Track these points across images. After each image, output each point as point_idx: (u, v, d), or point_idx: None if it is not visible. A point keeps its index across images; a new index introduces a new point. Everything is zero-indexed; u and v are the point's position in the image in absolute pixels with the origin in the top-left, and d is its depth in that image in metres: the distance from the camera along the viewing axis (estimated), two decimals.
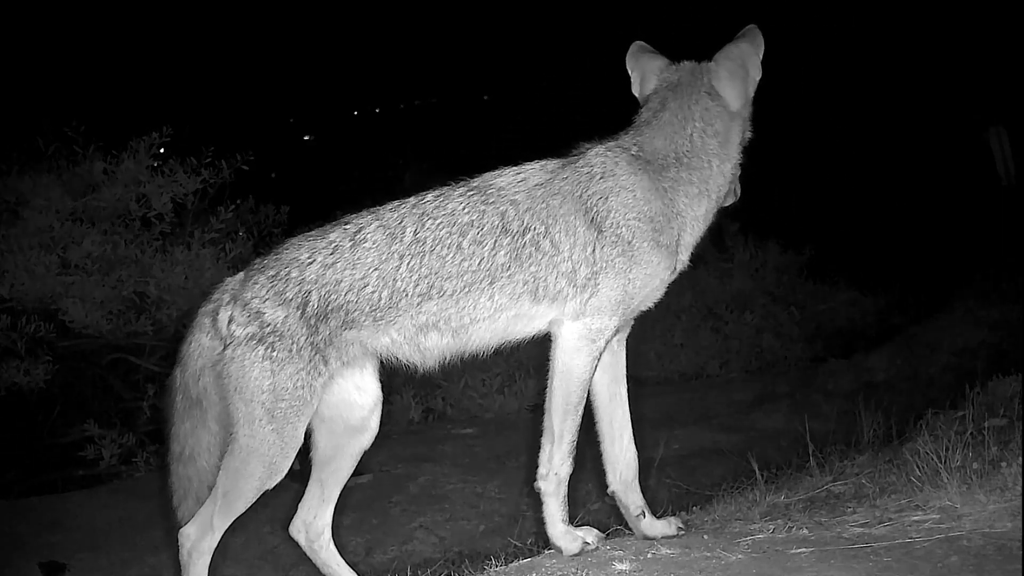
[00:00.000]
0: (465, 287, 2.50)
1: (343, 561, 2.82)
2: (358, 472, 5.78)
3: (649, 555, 2.22)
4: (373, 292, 2.51)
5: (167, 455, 2.73)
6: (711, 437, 5.67)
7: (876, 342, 7.91)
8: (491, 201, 2.55)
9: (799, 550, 2.13)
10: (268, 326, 2.50)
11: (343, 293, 2.51)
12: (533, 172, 2.63)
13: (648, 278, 2.52)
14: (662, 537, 2.48)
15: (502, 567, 2.38)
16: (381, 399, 2.78)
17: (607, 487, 2.65)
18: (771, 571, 2.01)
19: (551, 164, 2.65)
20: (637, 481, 2.65)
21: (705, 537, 2.36)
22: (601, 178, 2.54)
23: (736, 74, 2.65)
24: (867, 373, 6.96)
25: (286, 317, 2.50)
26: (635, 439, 2.68)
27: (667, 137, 2.61)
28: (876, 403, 4.70)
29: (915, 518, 2.28)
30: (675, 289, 2.71)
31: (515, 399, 6.91)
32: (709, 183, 2.60)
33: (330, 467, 2.79)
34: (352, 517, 4.80)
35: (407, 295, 2.51)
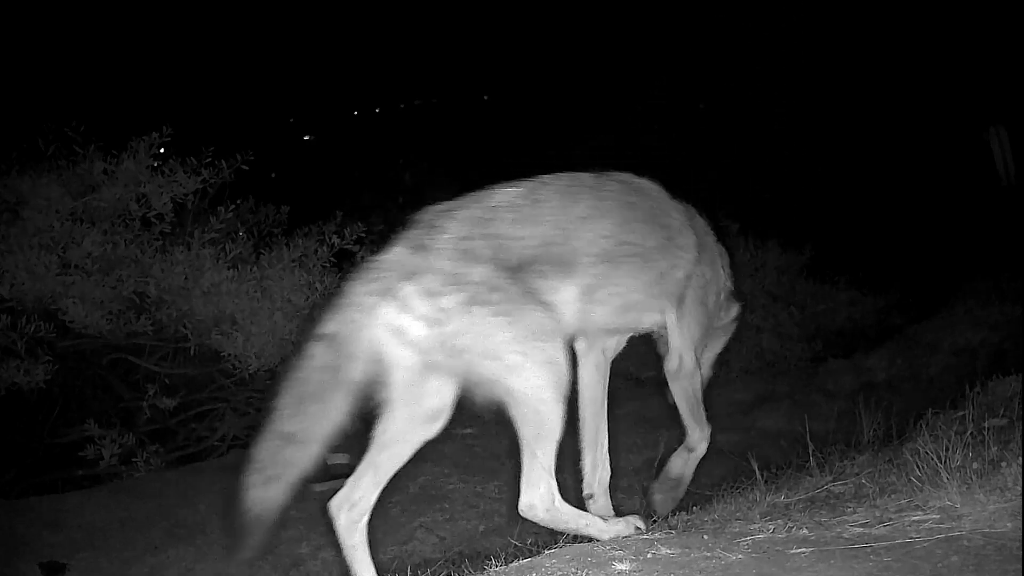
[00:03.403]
0: (624, 258, 2.72)
1: (368, 552, 2.78)
2: None
3: (649, 555, 2.22)
4: (556, 249, 2.62)
5: (266, 432, 2.56)
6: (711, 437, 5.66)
7: (876, 342, 7.91)
8: (643, 193, 2.87)
9: (799, 550, 2.13)
10: (479, 284, 2.48)
11: (533, 247, 2.58)
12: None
13: None
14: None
15: (502, 567, 2.38)
16: (457, 397, 2.76)
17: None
18: (771, 571, 2.01)
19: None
20: None
21: (705, 537, 2.36)
22: None
23: None
24: (867, 373, 6.96)
25: (491, 272, 2.50)
26: (636, 439, 2.71)
27: None
28: (876, 403, 4.69)
29: (915, 518, 2.28)
30: None
31: None
32: None
33: (391, 451, 2.77)
34: None
35: (585, 256, 2.66)
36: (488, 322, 2.44)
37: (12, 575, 4.41)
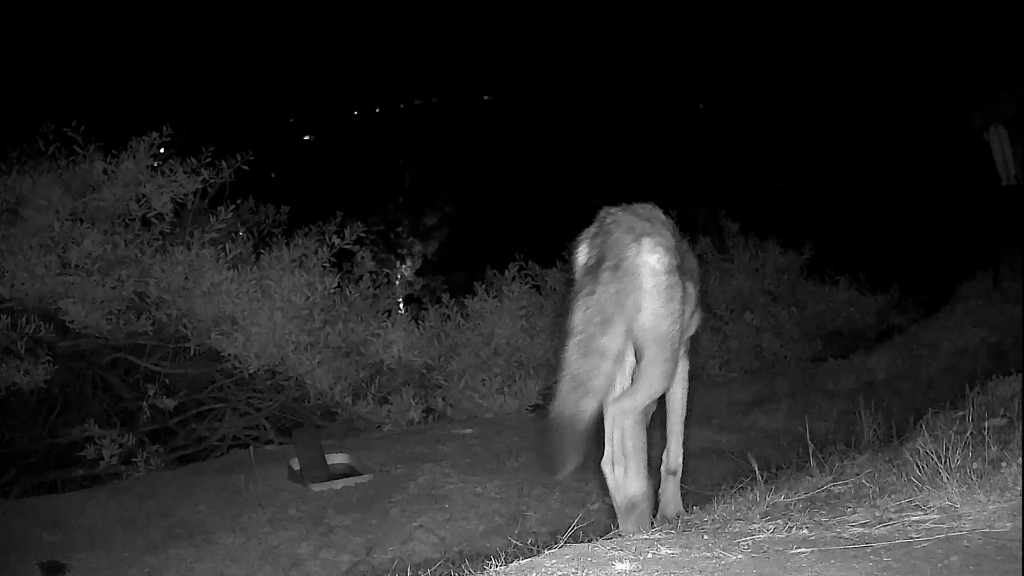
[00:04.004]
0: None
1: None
2: (358, 472, 5.76)
3: (649, 555, 2.22)
4: (687, 261, 3.06)
5: (577, 349, 2.82)
6: (711, 437, 5.67)
7: (876, 342, 7.91)
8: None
9: (799, 550, 2.13)
10: (678, 258, 2.91)
11: (683, 252, 3.04)
12: None
13: None
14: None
15: (502, 567, 2.37)
16: None
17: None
18: (771, 571, 2.01)
19: None
20: None
21: (705, 537, 2.35)
22: None
23: None
24: (867, 373, 6.96)
25: (679, 253, 2.95)
26: None
27: None
28: (876, 403, 4.69)
29: (915, 518, 2.28)
30: None
31: (515, 399, 6.89)
32: None
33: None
34: (352, 517, 4.80)
35: (693, 275, 3.13)
36: (679, 290, 2.88)
37: (12, 575, 4.41)
